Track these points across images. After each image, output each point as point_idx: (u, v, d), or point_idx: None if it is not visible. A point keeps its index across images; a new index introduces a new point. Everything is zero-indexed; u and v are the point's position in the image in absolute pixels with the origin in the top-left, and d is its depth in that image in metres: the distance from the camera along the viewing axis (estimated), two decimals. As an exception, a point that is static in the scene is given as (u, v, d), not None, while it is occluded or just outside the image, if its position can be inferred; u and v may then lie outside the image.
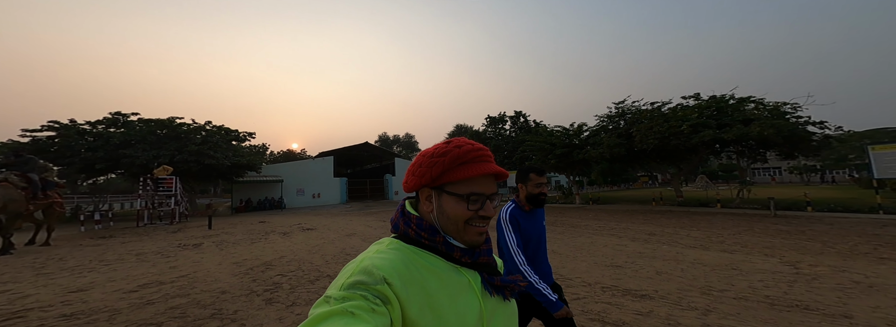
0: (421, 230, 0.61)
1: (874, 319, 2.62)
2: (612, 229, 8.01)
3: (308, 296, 3.75)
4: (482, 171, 0.60)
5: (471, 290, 0.60)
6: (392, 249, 0.59)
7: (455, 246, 0.61)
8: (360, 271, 0.51)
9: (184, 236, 9.18)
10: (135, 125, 17.77)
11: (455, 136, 0.92)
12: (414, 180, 0.64)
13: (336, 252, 6.24)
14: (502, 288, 0.64)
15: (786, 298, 3.16)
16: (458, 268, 0.62)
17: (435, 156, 0.61)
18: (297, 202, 23.60)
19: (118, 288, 4.19)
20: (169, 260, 5.88)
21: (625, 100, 14.71)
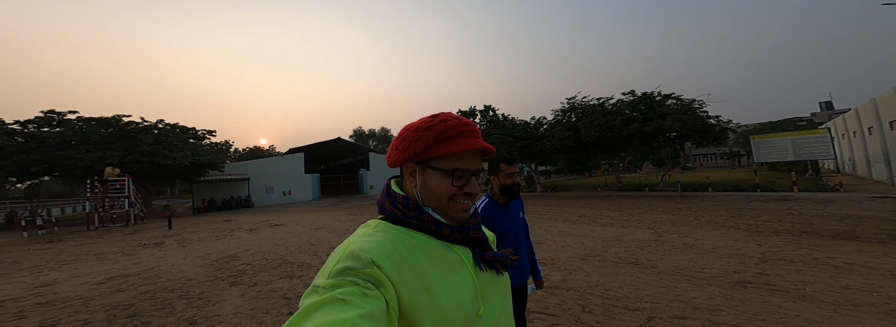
0: (408, 210, 0.60)
1: (672, 269, 3.68)
2: (554, 213, 9.15)
3: (269, 279, 4.30)
4: (468, 147, 0.59)
5: (463, 267, 0.60)
6: (379, 231, 0.58)
7: (443, 223, 0.60)
8: (348, 256, 0.50)
9: (143, 237, 9.13)
10: (74, 124, 16.50)
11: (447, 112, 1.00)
12: (397, 154, 0.62)
13: (301, 243, 6.71)
14: (494, 262, 0.64)
15: (631, 258, 4.19)
16: (449, 245, 0.61)
17: (420, 130, 0.60)
18: (266, 200, 23.17)
19: (85, 281, 4.49)
20: (131, 258, 6.08)
21: (575, 97, 16.08)
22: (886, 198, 8.04)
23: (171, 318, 3.11)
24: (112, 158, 15.11)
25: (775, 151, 11.28)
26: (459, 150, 0.59)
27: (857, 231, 4.92)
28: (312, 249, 6.00)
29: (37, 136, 15.25)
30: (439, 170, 0.59)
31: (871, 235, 4.62)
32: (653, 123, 11.65)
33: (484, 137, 13.69)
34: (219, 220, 12.94)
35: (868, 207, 6.93)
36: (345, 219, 10.96)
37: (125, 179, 13.26)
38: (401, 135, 0.62)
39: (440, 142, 0.59)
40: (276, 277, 4.33)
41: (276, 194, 23.92)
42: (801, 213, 6.67)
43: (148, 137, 17.07)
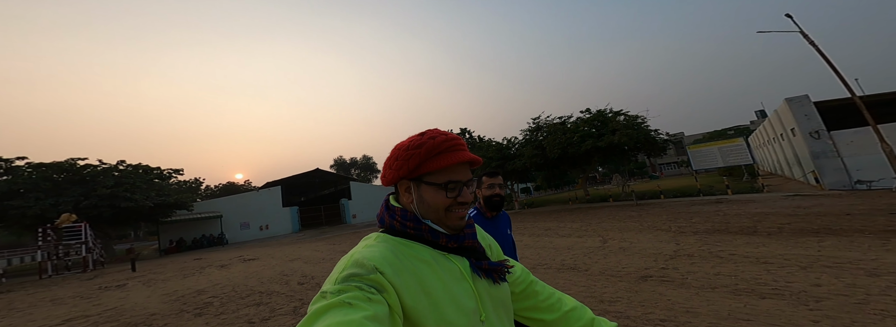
0: (405, 220, 0.63)
1: (600, 270, 4.19)
2: (524, 228, 9.53)
3: (236, 307, 4.50)
4: (457, 160, 0.62)
5: (461, 276, 0.62)
6: (380, 242, 0.60)
7: (440, 232, 0.63)
8: (352, 264, 0.53)
9: (103, 281, 8.77)
10: (22, 171, 15.69)
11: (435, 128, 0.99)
12: (392, 173, 0.65)
13: (274, 274, 6.79)
14: (491, 272, 0.66)
15: (572, 264, 4.70)
16: (446, 255, 0.63)
17: (411, 149, 0.62)
18: (241, 236, 22.31)
19: (41, 324, 4.47)
20: (91, 301, 5.97)
21: (539, 116, 17.39)
22: (797, 195, 9.32)
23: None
24: (66, 204, 14.40)
25: (708, 159, 12.84)
26: (449, 164, 0.62)
27: (757, 226, 5.68)
28: (284, 279, 6.15)
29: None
30: (433, 184, 0.62)
31: (765, 229, 5.39)
32: (605, 139, 12.84)
33: None
34: (188, 260, 12.48)
35: (778, 205, 7.97)
36: (323, 248, 10.90)
37: (82, 225, 12.65)
38: (393, 154, 0.65)
39: (431, 158, 0.62)
40: (243, 306, 4.53)
41: (252, 229, 23.13)
42: (724, 214, 7.49)
43: (107, 180, 16.46)
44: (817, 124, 10.14)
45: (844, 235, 4.49)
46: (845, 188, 9.59)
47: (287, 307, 4.19)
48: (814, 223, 5.49)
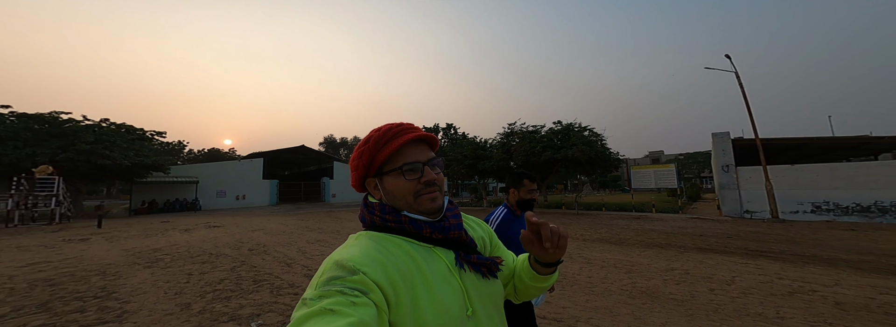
0: (385, 214, 0.61)
1: None
2: None
3: (183, 264, 5.19)
4: (404, 140, 0.60)
5: (447, 269, 0.60)
6: (362, 240, 0.59)
7: (421, 222, 0.60)
8: (332, 266, 0.51)
9: (68, 234, 9.30)
10: (5, 119, 15.78)
11: None
12: (354, 175, 0.64)
13: (231, 241, 7.47)
14: (479, 266, 0.63)
15: None
16: (431, 248, 0.61)
17: (360, 147, 0.62)
18: (216, 204, 22.72)
19: (8, 265, 5.10)
20: (54, 250, 6.57)
21: (515, 123, 18.19)
22: (697, 218, 10.66)
23: (85, 286, 3.99)
24: (43, 156, 14.64)
25: (645, 179, 14.07)
26: (397, 147, 0.60)
27: (634, 239, 6.75)
28: (238, 245, 6.85)
29: (-42, 129, 14.47)
30: (390, 172, 0.61)
31: (636, 241, 6.50)
32: (562, 152, 13.78)
33: (441, 154, 15.53)
34: (155, 222, 12.99)
35: (673, 224, 9.18)
36: (289, 223, 11.51)
37: (55, 178, 12.99)
38: (351, 158, 0.65)
39: (381, 149, 0.61)
40: (190, 263, 5.23)
41: (228, 198, 23.54)
42: (628, 228, 8.61)
43: (87, 136, 16.65)
44: (729, 159, 11.34)
45: (680, 249, 5.55)
46: (737, 216, 10.90)
47: (227, 266, 4.91)
48: (671, 240, 6.61)
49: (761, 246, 5.90)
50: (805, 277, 3.93)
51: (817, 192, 9.82)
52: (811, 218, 9.84)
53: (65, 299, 3.49)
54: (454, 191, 35.83)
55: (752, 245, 6.08)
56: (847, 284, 3.64)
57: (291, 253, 5.89)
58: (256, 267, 4.86)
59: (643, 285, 3.75)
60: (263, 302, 3.35)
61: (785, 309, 2.92)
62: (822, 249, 5.62)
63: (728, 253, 5.42)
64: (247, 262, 5.23)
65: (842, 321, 2.65)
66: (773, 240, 6.60)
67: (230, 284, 4.01)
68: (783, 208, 10.10)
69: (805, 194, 9.97)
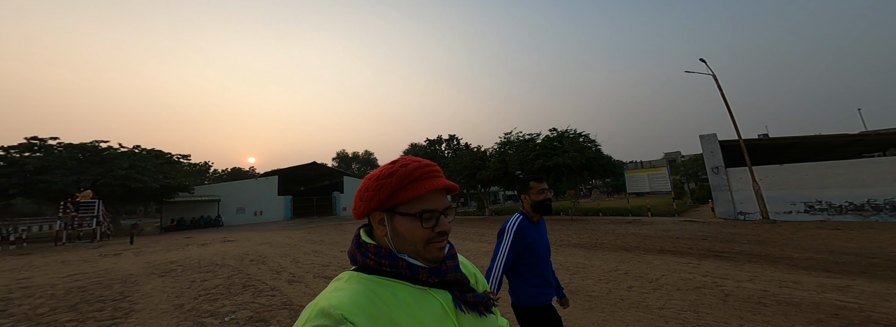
0: (380, 258, 0.59)
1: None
2: (473, 233, 10.64)
3: (190, 273, 6.04)
4: (431, 188, 0.59)
5: (443, 312, 0.58)
6: (352, 284, 0.56)
7: (419, 267, 0.59)
8: (317, 314, 0.48)
9: (104, 250, 10.59)
10: (54, 150, 18.01)
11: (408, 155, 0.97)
12: (363, 206, 0.61)
13: (237, 254, 8.36)
14: (476, 304, 0.62)
15: None
16: (427, 291, 0.59)
17: (382, 179, 0.59)
18: (236, 220, 24.35)
19: (52, 275, 6.16)
20: (91, 264, 7.68)
21: (511, 132, 18.64)
22: (689, 221, 10.57)
23: (108, 292, 4.87)
24: (86, 182, 16.55)
25: (639, 183, 14.02)
26: (423, 192, 0.58)
27: (609, 243, 6.99)
28: (242, 257, 7.70)
29: (17, 162, 16.66)
30: (407, 214, 0.59)
31: (610, 245, 6.74)
32: (554, 159, 14.04)
33: (443, 166, 16.25)
34: (179, 238, 14.31)
35: (659, 228, 9.21)
36: (296, 236, 12.42)
37: (96, 201, 14.68)
38: (363, 185, 0.62)
39: (403, 188, 0.59)
40: (196, 272, 6.08)
41: (247, 214, 25.16)
42: (612, 232, 8.74)
43: (123, 162, 18.64)
44: (718, 160, 11.23)
45: (641, 252, 5.74)
46: (730, 217, 10.74)
47: (225, 275, 5.71)
48: (643, 243, 6.79)
49: (724, 247, 6.06)
50: (728, 274, 4.20)
51: (809, 192, 9.63)
52: (805, 218, 9.63)
53: (90, 301, 4.35)
54: (462, 201, 36.20)
55: (717, 246, 6.24)
56: (761, 279, 3.91)
57: (285, 263, 6.64)
58: (250, 276, 5.62)
59: (576, 284, 4.16)
60: (243, 302, 4.05)
61: (674, 302, 3.28)
62: (781, 249, 5.74)
63: (683, 254, 5.65)
64: (244, 271, 6.01)
65: (711, 310, 3.01)
66: (744, 241, 6.69)
67: (222, 289, 4.76)
68: (776, 209, 9.94)
69: (797, 194, 9.80)
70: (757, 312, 2.89)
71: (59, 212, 13.86)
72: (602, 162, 14.39)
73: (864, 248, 5.50)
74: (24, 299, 4.61)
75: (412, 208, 0.59)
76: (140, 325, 3.39)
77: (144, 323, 3.43)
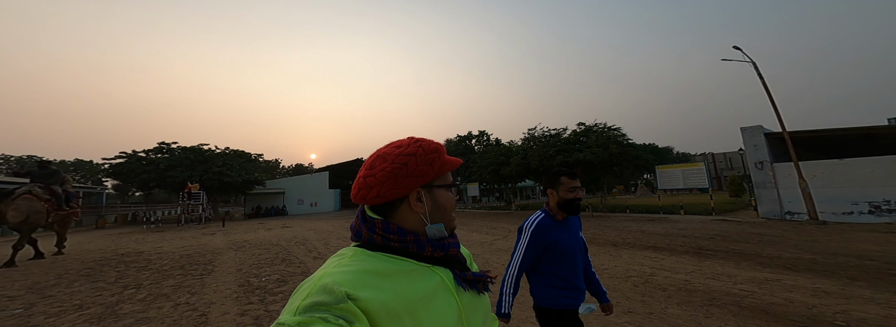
0: (388, 233, 0.59)
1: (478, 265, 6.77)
2: (488, 227, 11.27)
3: (255, 250, 8.27)
4: (457, 163, 0.64)
5: (445, 288, 0.59)
6: (356, 260, 0.56)
7: (425, 243, 0.60)
8: (319, 290, 0.48)
9: (206, 231, 14.23)
10: (176, 151, 23.72)
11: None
12: (412, 181, 0.59)
13: (289, 237, 10.77)
14: (475, 282, 0.64)
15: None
16: (430, 267, 0.60)
17: (429, 153, 0.61)
18: (297, 210, 28.86)
19: (174, 246, 9.06)
20: (196, 239, 10.76)
21: (535, 127, 18.74)
22: (722, 220, 9.77)
23: (203, 258, 7.20)
24: (195, 177, 21.59)
25: (672, 180, 13.01)
26: (455, 167, 0.64)
27: (623, 241, 7.17)
28: (292, 239, 9.98)
29: (154, 162, 22.46)
30: (443, 186, 0.63)
31: (623, 243, 6.99)
32: (574, 155, 13.97)
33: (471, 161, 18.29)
34: (255, 224, 18.03)
35: (686, 226, 8.86)
36: (337, 225, 14.79)
37: (201, 193, 19.24)
38: (397, 163, 0.59)
39: (445, 163, 0.63)
40: (257, 249, 8.33)
41: (305, 205, 29.54)
42: (633, 230, 8.70)
43: (217, 161, 23.62)
44: (763, 155, 10.09)
45: (650, 250, 5.93)
46: (777, 217, 9.67)
47: (274, 251, 7.78)
48: (658, 242, 6.84)
49: (735, 247, 5.93)
50: (694, 270, 4.54)
51: (876, 190, 8.28)
52: (868, 220, 8.37)
53: (192, 264, 6.63)
54: (497, 195, 36.56)
55: (731, 246, 6.05)
56: (713, 273, 4.28)
57: (319, 246, 8.56)
58: (290, 252, 7.59)
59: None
60: (278, 270, 5.84)
61: (613, 291, 3.88)
62: (784, 250, 5.55)
63: (682, 253, 5.70)
64: (288, 249, 8.06)
65: (635, 294, 3.64)
66: (766, 242, 6.38)
67: (268, 260, 6.72)
68: (834, 209, 8.76)
69: (860, 192, 8.47)
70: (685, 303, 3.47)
71: (179, 200, 18.59)
72: (630, 157, 13.81)
73: (870, 251, 5.13)
74: (158, 260, 7.17)
75: (446, 180, 0.64)
76: (215, 279, 5.34)
77: (217, 278, 5.38)
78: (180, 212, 18.04)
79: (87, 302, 4.16)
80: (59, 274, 5.91)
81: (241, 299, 4.13)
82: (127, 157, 22.13)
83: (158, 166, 21.85)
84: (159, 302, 4.06)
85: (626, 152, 13.75)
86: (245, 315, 3.57)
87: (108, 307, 3.93)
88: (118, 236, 13.12)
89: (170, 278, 5.41)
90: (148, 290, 4.65)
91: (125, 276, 5.64)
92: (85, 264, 6.92)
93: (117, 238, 12.38)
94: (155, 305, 3.95)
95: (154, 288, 4.74)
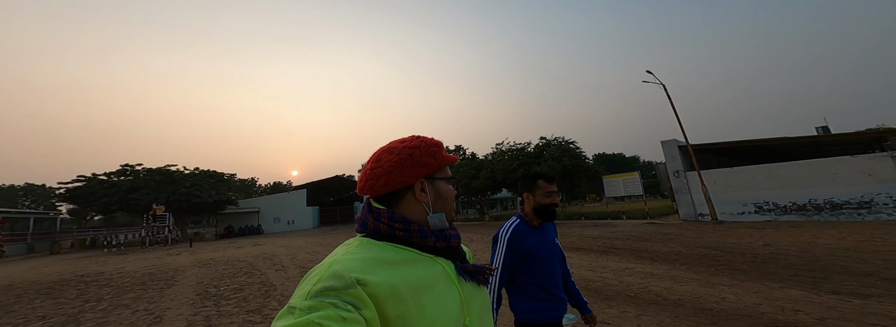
0: (394, 222, 0.61)
1: None
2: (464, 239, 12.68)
3: (220, 266, 8.63)
4: (455, 159, 0.69)
5: (447, 278, 0.61)
6: (363, 248, 0.58)
7: (428, 233, 0.62)
8: (329, 276, 0.49)
9: (171, 251, 14.12)
10: (140, 173, 23.18)
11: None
12: (417, 171, 0.63)
13: (257, 253, 11.03)
14: (476, 273, 0.66)
15: None
16: (433, 258, 0.62)
17: (431, 147, 0.66)
18: (274, 228, 28.40)
19: (137, 266, 9.20)
20: (160, 259, 10.84)
21: (503, 142, 20.06)
22: (650, 223, 11.19)
23: (165, 274, 7.53)
24: (161, 199, 21.16)
25: (616, 188, 14.55)
26: (452, 162, 0.69)
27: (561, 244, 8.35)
28: (260, 255, 10.27)
29: (116, 185, 21.84)
30: (444, 179, 0.68)
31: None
32: (533, 168, 15.26)
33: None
34: (226, 243, 17.85)
35: (617, 230, 10.10)
36: (311, 241, 14.99)
37: (166, 214, 18.90)
38: (403, 155, 0.64)
39: (445, 156, 0.68)
40: (222, 265, 8.68)
41: (281, 223, 29.13)
42: (571, 235, 9.80)
43: (186, 182, 23.25)
44: (678, 165, 11.67)
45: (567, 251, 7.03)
46: (692, 219, 11.14)
47: (238, 266, 8.18)
48: (583, 244, 7.88)
49: (637, 245, 7.05)
50: (583, 264, 5.48)
51: (758, 193, 9.96)
52: (755, 218, 9.94)
53: (153, 279, 6.97)
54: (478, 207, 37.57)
55: (635, 244, 7.15)
56: (593, 266, 5.24)
57: (285, 260, 9.00)
58: (253, 266, 8.03)
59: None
60: (237, 280, 6.34)
61: None
62: (668, 246, 6.71)
63: (591, 251, 6.72)
64: (252, 264, 8.47)
65: None
66: (664, 240, 7.55)
67: (230, 273, 7.16)
68: (730, 210, 10.34)
69: (747, 195, 10.15)
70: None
71: (143, 222, 18.18)
72: (582, 168, 15.23)
73: (741, 245, 6.35)
74: (119, 278, 7.42)
75: (446, 173, 0.69)
76: (174, 291, 5.80)
77: (177, 289, 5.84)
78: (144, 235, 17.62)
79: (50, 313, 4.58)
80: (19, 295, 6.14)
81: (196, 304, 4.69)
82: (86, 181, 21.43)
83: (121, 189, 21.28)
84: (119, 311, 4.55)
85: (578, 164, 15.17)
86: (197, 314, 4.16)
87: (70, 316, 4.39)
88: (76, 260, 12.82)
89: (130, 292, 5.82)
90: (108, 302, 5.09)
91: (86, 293, 5.98)
92: (43, 285, 7.09)
93: (75, 261, 12.14)
94: (115, 313, 4.45)
95: (115, 301, 5.18)
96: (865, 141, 10.36)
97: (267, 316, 3.98)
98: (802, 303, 3.20)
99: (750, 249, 5.86)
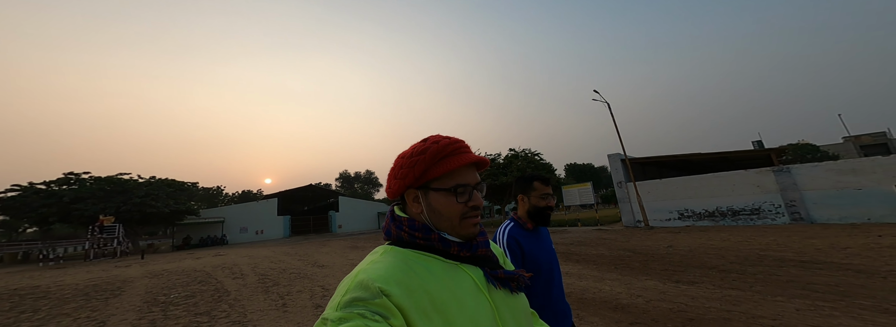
0: (414, 230, 0.60)
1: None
2: None
3: (173, 276, 8.38)
4: (463, 162, 0.61)
5: (476, 287, 0.59)
6: (387, 257, 0.58)
7: (451, 241, 0.60)
8: (356, 286, 0.51)
9: (120, 264, 13.24)
10: (86, 182, 21.48)
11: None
12: (397, 183, 0.63)
13: (216, 264, 10.71)
14: (507, 281, 0.63)
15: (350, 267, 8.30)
16: (458, 266, 0.61)
17: (415, 155, 0.61)
18: (240, 238, 27.13)
19: (78, 279, 8.68)
20: (106, 272, 10.22)
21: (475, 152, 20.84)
22: (598, 229, 12.32)
23: (112, 286, 7.25)
24: (110, 209, 19.72)
25: (573, 197, 15.79)
26: (456, 167, 0.61)
27: None
28: (220, 266, 9.99)
29: (57, 194, 20.09)
30: (441, 190, 0.61)
31: None
32: (500, 178, 16.12)
33: None
34: (184, 254, 16.93)
35: (572, 235, 10.99)
36: (278, 251, 14.46)
37: (117, 225, 17.68)
38: (397, 164, 0.64)
39: (437, 163, 0.61)
40: (176, 275, 8.42)
41: (249, 233, 27.93)
42: None
43: (139, 191, 21.85)
44: (621, 176, 12.99)
45: None
46: (632, 225, 12.40)
47: (194, 276, 8.03)
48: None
49: (575, 249, 7.80)
50: None
51: (680, 202, 11.36)
52: (678, 224, 11.30)
53: (97, 291, 6.72)
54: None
55: (573, 248, 7.92)
56: None
57: (245, 269, 8.91)
58: (210, 275, 7.92)
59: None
60: (190, 289, 6.31)
61: None
62: (599, 249, 7.58)
63: None
64: (209, 274, 8.33)
65: None
66: (599, 244, 8.40)
67: (184, 283, 7.07)
68: (659, 217, 11.60)
69: (672, 204, 11.52)
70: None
71: (88, 234, 16.87)
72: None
73: (652, 247, 7.29)
74: (58, 291, 7.06)
75: (446, 183, 0.61)
76: (121, 300, 5.71)
77: (124, 299, 5.76)
78: (89, 247, 16.33)
79: (-21, 326, 4.43)
80: (-61, 312, 5.73)
81: (143, 310, 4.74)
82: (21, 190, 19.54)
83: (61, 199, 19.60)
84: (59, 319, 4.50)
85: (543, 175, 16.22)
86: (143, 319, 4.26)
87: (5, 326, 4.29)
88: (6, 275, 11.71)
89: (72, 302, 5.66)
90: (47, 312, 4.97)
91: (21, 305, 5.72)
92: (-31, 302, 6.61)
93: (5, 276, 11.11)
94: (54, 321, 4.41)
95: (54, 311, 5.06)
96: (762, 157, 12.14)
97: (215, 317, 4.17)
98: (649, 290, 3.98)
99: (655, 250, 6.77)
